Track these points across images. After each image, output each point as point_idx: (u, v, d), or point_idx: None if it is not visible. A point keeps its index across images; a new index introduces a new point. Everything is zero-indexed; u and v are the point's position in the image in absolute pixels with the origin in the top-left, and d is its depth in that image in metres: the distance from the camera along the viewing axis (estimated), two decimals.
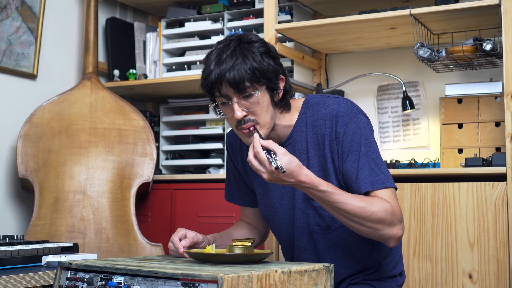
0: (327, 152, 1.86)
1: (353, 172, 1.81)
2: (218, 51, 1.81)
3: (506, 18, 2.40)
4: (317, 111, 1.90)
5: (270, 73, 1.81)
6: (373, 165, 1.80)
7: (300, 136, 1.92)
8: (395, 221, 1.76)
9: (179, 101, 3.45)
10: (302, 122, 1.92)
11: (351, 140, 1.83)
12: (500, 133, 2.62)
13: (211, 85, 1.80)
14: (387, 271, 1.98)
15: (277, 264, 1.72)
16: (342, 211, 1.73)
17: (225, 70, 1.77)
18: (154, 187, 3.07)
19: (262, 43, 1.84)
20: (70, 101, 2.99)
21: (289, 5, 3.09)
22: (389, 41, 3.02)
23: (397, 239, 1.79)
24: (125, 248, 2.81)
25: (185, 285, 1.47)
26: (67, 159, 2.88)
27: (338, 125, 1.85)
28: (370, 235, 1.78)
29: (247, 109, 1.80)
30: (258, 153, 1.67)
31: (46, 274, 2.03)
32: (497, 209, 2.38)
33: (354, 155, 1.82)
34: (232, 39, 1.83)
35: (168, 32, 3.31)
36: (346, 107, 1.87)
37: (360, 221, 1.73)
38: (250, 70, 1.77)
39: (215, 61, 1.79)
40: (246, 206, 2.14)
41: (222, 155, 3.27)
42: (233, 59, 1.77)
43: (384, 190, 1.79)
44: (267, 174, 1.69)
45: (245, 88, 1.78)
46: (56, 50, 3.19)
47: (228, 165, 2.12)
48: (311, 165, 1.89)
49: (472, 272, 2.40)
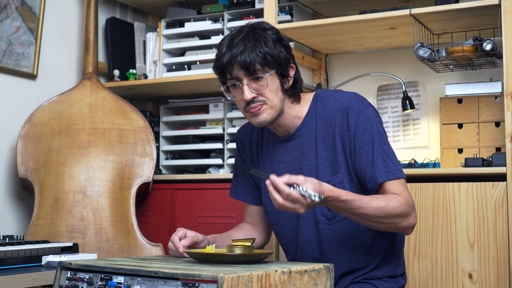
0: (338, 143, 1.92)
1: (368, 163, 1.87)
2: (231, 36, 1.89)
3: (506, 18, 2.40)
4: (327, 104, 1.95)
5: (280, 59, 1.88)
6: (385, 156, 1.88)
7: (310, 128, 1.96)
8: (410, 211, 1.84)
9: (179, 101, 3.46)
10: (312, 114, 1.97)
11: (364, 132, 1.89)
12: (500, 133, 2.62)
13: (222, 67, 1.87)
14: (389, 270, 1.99)
15: (277, 264, 1.73)
16: (363, 216, 1.77)
17: (237, 53, 1.84)
18: (154, 187, 3.07)
19: (275, 31, 1.91)
20: (70, 101, 2.99)
21: (289, 5, 3.09)
22: (389, 41, 3.02)
23: (412, 226, 1.87)
24: (125, 248, 2.81)
25: (185, 285, 1.47)
26: (67, 159, 2.88)
27: (350, 117, 1.90)
28: (389, 229, 1.86)
29: (257, 91, 1.86)
30: (290, 194, 1.62)
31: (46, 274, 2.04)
32: (497, 209, 2.38)
33: (367, 147, 1.88)
34: (245, 26, 1.92)
35: (168, 32, 3.31)
36: (356, 100, 1.93)
37: (381, 220, 1.79)
38: (261, 54, 1.84)
39: (227, 45, 1.87)
40: (250, 203, 2.16)
41: (222, 155, 3.27)
42: (245, 43, 1.85)
43: (397, 181, 1.86)
44: (304, 208, 1.65)
45: (255, 70, 1.84)
46: (56, 50, 3.19)
47: (236, 161, 2.16)
48: (319, 156, 1.93)
49: (472, 272, 2.40)
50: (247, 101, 1.87)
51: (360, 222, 1.81)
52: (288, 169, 1.99)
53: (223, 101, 3.29)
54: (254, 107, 1.87)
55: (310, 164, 1.96)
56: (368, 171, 1.87)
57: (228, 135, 3.25)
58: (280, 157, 2.02)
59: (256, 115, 1.88)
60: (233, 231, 2.13)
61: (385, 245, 1.97)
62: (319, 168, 1.94)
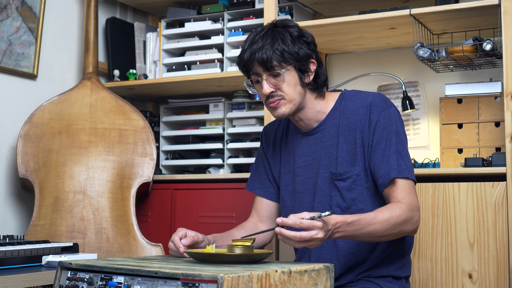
0: (358, 138, 1.99)
1: (382, 159, 1.94)
2: (254, 33, 2.01)
3: (506, 18, 2.40)
4: (352, 101, 2.04)
5: (299, 55, 1.96)
6: (398, 156, 1.94)
7: (333, 122, 2.04)
8: (413, 214, 1.89)
9: (179, 101, 3.46)
10: (336, 111, 2.05)
11: (383, 129, 1.96)
12: (500, 133, 2.62)
13: (244, 64, 2.00)
14: (393, 270, 2.01)
15: (277, 264, 1.73)
16: (373, 233, 1.82)
17: (255, 50, 1.95)
18: (154, 187, 3.07)
19: (297, 28, 2.00)
20: (70, 101, 2.99)
21: (289, 5, 3.09)
22: (389, 41, 3.02)
23: (417, 227, 1.94)
24: (125, 248, 2.81)
25: (185, 285, 1.47)
26: (67, 159, 2.88)
27: (372, 113, 1.98)
28: (398, 237, 1.92)
29: (275, 86, 1.96)
30: (302, 223, 1.67)
31: (46, 274, 2.04)
32: (497, 209, 2.38)
33: (384, 143, 1.95)
34: (268, 24, 2.03)
35: (168, 32, 3.31)
36: (380, 98, 2.01)
37: (389, 232, 1.85)
38: (278, 51, 1.93)
39: (249, 42, 1.99)
40: (262, 197, 2.21)
41: (222, 155, 3.27)
42: (264, 40, 1.96)
43: (406, 181, 1.93)
44: (321, 232, 1.68)
45: (273, 66, 1.94)
46: (56, 50, 3.20)
47: (258, 155, 2.24)
48: (339, 150, 2.01)
49: (472, 272, 2.40)
50: (267, 95, 1.97)
51: (373, 240, 1.87)
52: (309, 162, 2.07)
53: (223, 101, 3.29)
54: (273, 101, 1.97)
55: (330, 157, 2.02)
56: (381, 167, 1.93)
57: (228, 135, 3.25)
58: (302, 150, 2.09)
59: (274, 109, 1.98)
60: (234, 230, 2.14)
61: (393, 244, 2.01)
62: (338, 160, 2.00)
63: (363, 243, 1.98)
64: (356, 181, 1.98)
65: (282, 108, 1.98)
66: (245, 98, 3.26)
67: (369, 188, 1.99)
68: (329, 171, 2.01)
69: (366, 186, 1.98)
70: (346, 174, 1.98)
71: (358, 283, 1.98)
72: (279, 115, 1.99)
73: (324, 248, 2.01)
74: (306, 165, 2.07)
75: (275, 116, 2.00)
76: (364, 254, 1.99)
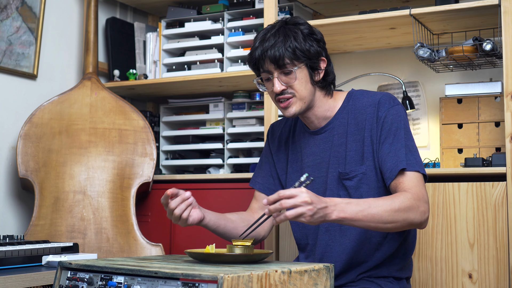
0: (367, 136, 1.98)
1: (390, 153, 1.93)
2: (265, 31, 1.99)
3: (506, 18, 2.40)
4: (360, 100, 2.03)
5: (310, 53, 1.95)
6: (407, 150, 1.92)
7: (341, 121, 2.03)
8: (419, 204, 1.84)
9: (179, 101, 3.46)
10: (344, 110, 2.05)
11: (391, 125, 1.95)
12: (500, 133, 2.62)
13: (255, 61, 1.98)
14: (395, 270, 2.00)
15: (277, 264, 1.73)
16: (376, 217, 1.78)
17: (267, 47, 1.94)
18: (154, 187, 3.07)
19: (308, 26, 1.99)
20: (70, 101, 3.00)
21: (289, 5, 3.09)
22: (389, 41, 3.02)
23: (426, 219, 1.88)
24: (125, 248, 2.81)
25: (185, 285, 1.47)
26: (67, 159, 2.88)
27: (380, 110, 1.97)
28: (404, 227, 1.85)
29: (286, 84, 1.96)
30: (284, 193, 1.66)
31: (46, 274, 2.04)
32: (497, 209, 2.38)
33: (392, 138, 1.94)
34: (278, 21, 2.01)
35: (168, 32, 3.31)
36: (388, 97, 2.01)
37: (393, 218, 1.79)
38: (290, 48, 1.92)
39: (260, 40, 1.97)
40: (261, 192, 2.21)
41: (222, 155, 3.27)
42: (276, 37, 1.94)
43: (414, 174, 1.90)
44: (306, 195, 1.66)
45: (285, 64, 1.94)
46: (56, 50, 3.20)
47: (264, 151, 2.24)
48: (348, 149, 2.00)
49: (472, 272, 2.40)
50: (277, 93, 1.96)
51: (378, 228, 1.81)
52: (317, 162, 2.06)
53: (223, 101, 3.29)
54: (284, 100, 1.97)
55: (339, 156, 2.02)
56: (388, 160, 1.92)
57: (228, 135, 3.25)
58: (310, 149, 2.09)
59: (285, 109, 1.98)
60: (229, 214, 2.13)
61: (395, 244, 2.00)
62: (347, 160, 2.00)
63: (367, 241, 1.97)
64: (362, 180, 1.97)
65: (293, 107, 1.97)
66: (245, 98, 3.26)
67: (379, 187, 1.97)
68: (337, 171, 2.01)
69: (374, 185, 1.97)
70: (353, 173, 1.98)
71: (359, 283, 1.98)
72: (290, 114, 1.98)
73: (329, 246, 2.01)
74: (315, 164, 2.06)
75: (286, 115, 2.00)
76: (368, 253, 1.98)
